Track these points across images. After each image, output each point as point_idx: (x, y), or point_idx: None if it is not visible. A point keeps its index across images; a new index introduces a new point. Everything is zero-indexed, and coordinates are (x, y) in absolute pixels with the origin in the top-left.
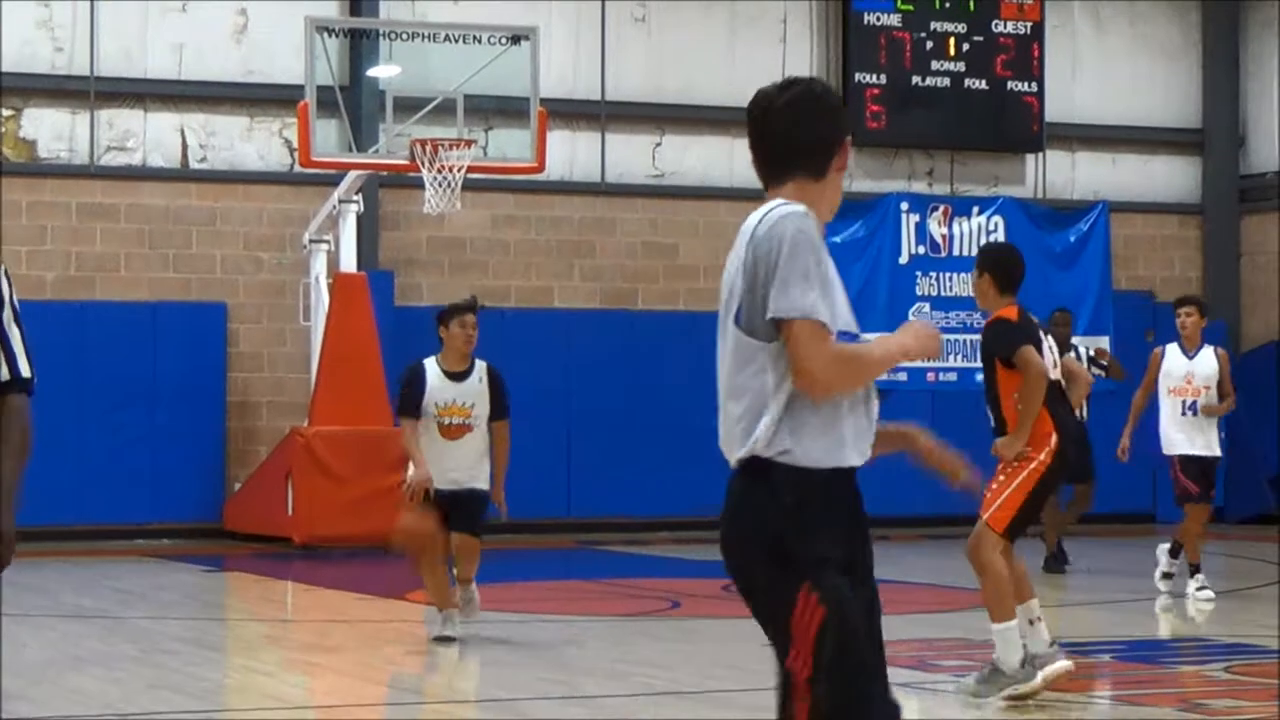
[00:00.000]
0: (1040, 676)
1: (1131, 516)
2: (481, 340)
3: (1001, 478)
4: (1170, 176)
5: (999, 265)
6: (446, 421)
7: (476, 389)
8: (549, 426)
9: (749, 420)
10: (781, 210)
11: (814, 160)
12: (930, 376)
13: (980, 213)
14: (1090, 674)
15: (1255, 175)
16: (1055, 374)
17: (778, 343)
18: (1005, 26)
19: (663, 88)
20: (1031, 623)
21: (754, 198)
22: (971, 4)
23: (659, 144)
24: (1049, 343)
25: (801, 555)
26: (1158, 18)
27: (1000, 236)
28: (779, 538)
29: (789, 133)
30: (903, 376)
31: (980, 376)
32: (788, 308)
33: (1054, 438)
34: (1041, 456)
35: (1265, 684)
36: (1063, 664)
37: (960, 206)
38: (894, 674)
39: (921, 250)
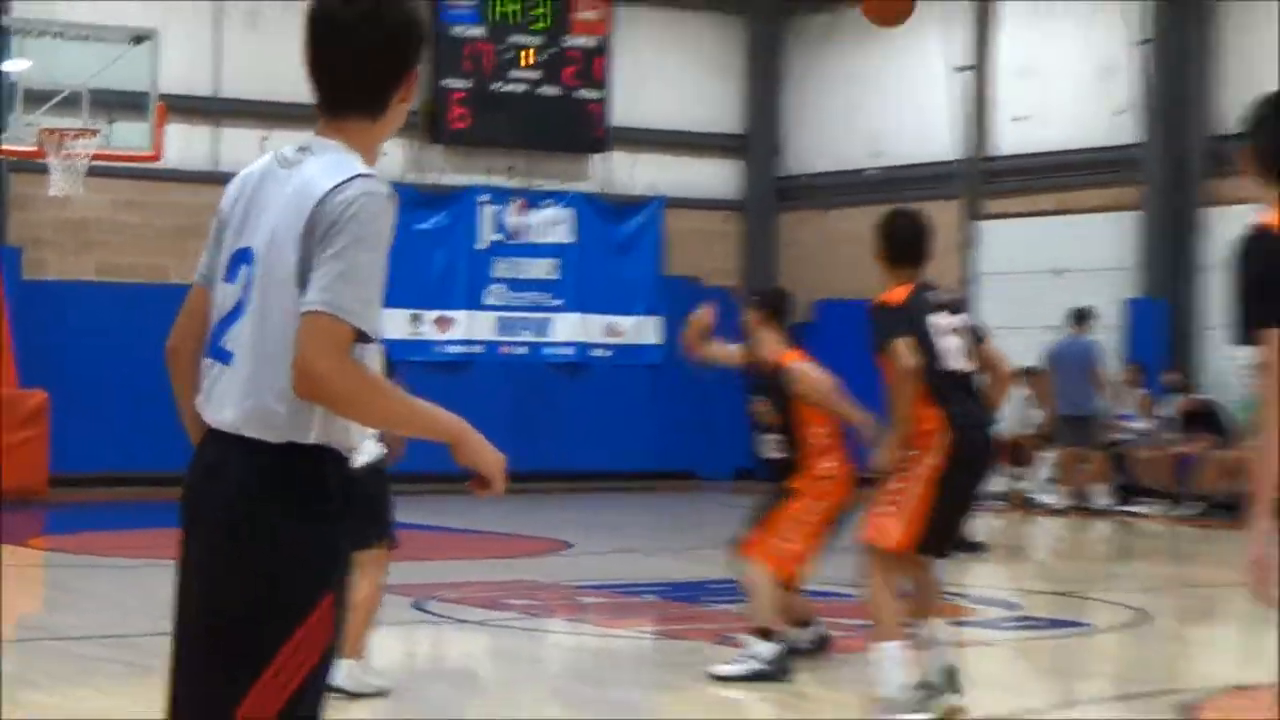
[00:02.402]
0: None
1: (674, 474)
2: (107, 313)
3: (892, 494)
4: (717, 177)
5: (884, 232)
6: None
7: None
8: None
9: (291, 398)
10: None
11: (379, 94)
12: (503, 349)
13: (552, 205)
14: (637, 612)
15: (791, 177)
16: (958, 364)
17: None
18: (576, 41)
19: (274, 88)
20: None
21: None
22: (547, 19)
23: (267, 138)
24: (956, 322)
25: (341, 553)
26: (710, 35)
27: (570, 227)
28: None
29: (363, 57)
30: (479, 349)
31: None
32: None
33: (945, 436)
34: (929, 459)
35: None
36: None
37: (534, 199)
38: (470, 613)
39: (499, 238)
